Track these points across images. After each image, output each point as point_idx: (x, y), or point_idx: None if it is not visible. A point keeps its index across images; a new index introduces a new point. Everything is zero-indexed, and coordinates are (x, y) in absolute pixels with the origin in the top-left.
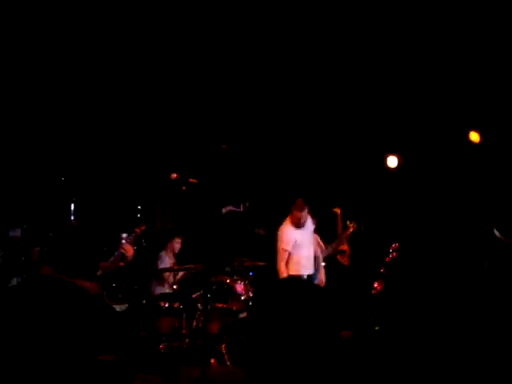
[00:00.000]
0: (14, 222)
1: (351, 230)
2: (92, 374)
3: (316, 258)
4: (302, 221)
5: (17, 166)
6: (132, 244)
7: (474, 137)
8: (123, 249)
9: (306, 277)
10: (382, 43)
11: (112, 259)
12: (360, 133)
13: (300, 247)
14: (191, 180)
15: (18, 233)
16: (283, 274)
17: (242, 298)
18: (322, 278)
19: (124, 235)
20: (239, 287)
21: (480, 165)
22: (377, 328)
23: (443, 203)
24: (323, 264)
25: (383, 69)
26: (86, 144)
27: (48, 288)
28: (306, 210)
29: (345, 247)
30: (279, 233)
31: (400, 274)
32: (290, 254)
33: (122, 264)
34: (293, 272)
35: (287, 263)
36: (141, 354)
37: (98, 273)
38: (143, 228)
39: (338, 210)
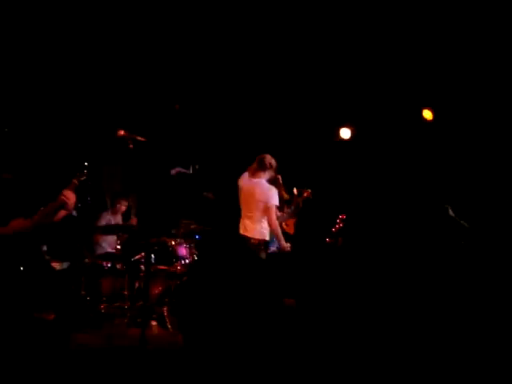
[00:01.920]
0: None
1: (305, 195)
2: (28, 331)
3: None
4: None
5: None
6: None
7: (427, 115)
8: (63, 195)
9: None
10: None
11: (49, 207)
12: (313, 103)
13: None
14: (139, 138)
15: None
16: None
17: (186, 261)
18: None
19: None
20: (184, 250)
21: (432, 142)
22: None
23: (394, 178)
24: None
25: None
26: (31, 96)
27: None
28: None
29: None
30: (267, 188)
31: (345, 246)
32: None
33: (64, 213)
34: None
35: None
36: (81, 314)
37: (34, 221)
38: (82, 178)
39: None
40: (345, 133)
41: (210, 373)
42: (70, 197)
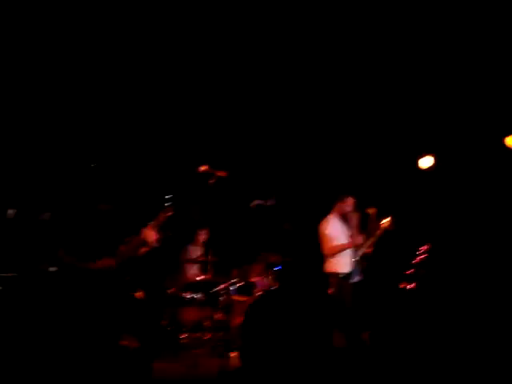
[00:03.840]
0: (44, 207)
1: (385, 226)
2: (113, 358)
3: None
4: (347, 215)
5: (47, 151)
6: (157, 230)
7: (511, 142)
8: (143, 234)
9: (341, 276)
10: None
11: (130, 244)
12: (395, 133)
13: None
14: (220, 173)
15: (47, 216)
16: (332, 251)
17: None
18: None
19: (150, 223)
20: (264, 281)
21: None
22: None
23: (478, 206)
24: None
25: (414, 64)
26: (115, 132)
27: (70, 276)
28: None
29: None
30: (323, 222)
31: (430, 276)
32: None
33: (144, 250)
34: (330, 269)
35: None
36: (162, 343)
37: (117, 258)
38: (168, 214)
39: (372, 211)
40: (426, 162)
41: None
42: (151, 235)
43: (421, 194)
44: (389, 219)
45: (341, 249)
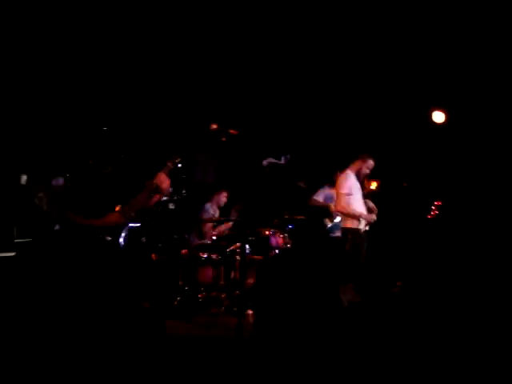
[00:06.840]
0: (57, 171)
1: (371, 188)
2: (128, 318)
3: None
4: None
5: (59, 115)
6: (168, 176)
7: None
8: (157, 179)
9: (360, 232)
10: None
11: (145, 190)
12: (405, 86)
13: (357, 200)
14: (232, 131)
15: (60, 181)
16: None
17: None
18: None
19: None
20: (278, 240)
21: None
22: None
23: (490, 162)
24: None
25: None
26: (126, 92)
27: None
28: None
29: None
30: (340, 179)
31: (442, 232)
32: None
33: (157, 197)
34: (349, 225)
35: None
36: (178, 303)
37: (130, 207)
38: (177, 161)
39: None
40: (438, 116)
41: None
42: (164, 180)
43: (433, 150)
44: (376, 183)
45: (353, 214)
